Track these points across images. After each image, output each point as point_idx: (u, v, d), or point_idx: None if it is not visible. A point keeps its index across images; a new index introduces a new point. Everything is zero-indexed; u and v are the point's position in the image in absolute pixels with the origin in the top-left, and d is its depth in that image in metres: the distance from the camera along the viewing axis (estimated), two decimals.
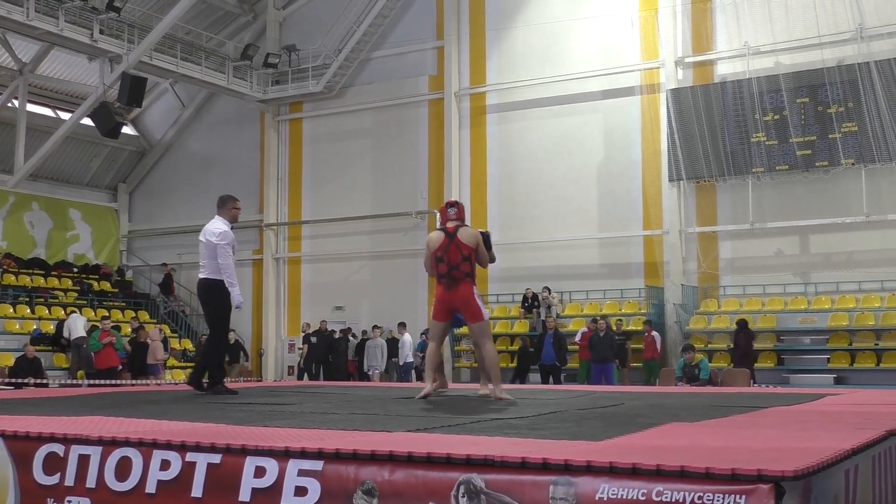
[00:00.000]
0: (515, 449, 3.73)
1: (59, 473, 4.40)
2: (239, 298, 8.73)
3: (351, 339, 24.29)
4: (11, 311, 23.08)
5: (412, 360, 22.20)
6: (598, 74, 23.04)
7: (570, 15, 23.48)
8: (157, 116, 29.94)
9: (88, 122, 23.77)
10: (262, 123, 27.81)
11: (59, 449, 4.45)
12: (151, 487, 4.15)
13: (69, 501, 4.34)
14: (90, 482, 4.30)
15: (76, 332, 21.04)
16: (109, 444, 4.34)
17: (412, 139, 25.66)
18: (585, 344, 19.28)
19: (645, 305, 21.90)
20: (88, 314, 23.63)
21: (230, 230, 8.78)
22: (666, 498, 3.17)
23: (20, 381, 18.03)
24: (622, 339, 20.31)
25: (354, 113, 26.53)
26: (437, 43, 25.42)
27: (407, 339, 22.47)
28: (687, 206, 22.04)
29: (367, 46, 25.95)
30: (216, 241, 8.61)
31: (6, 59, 25.33)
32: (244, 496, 3.90)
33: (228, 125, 28.62)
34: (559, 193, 23.32)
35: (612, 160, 22.91)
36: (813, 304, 20.65)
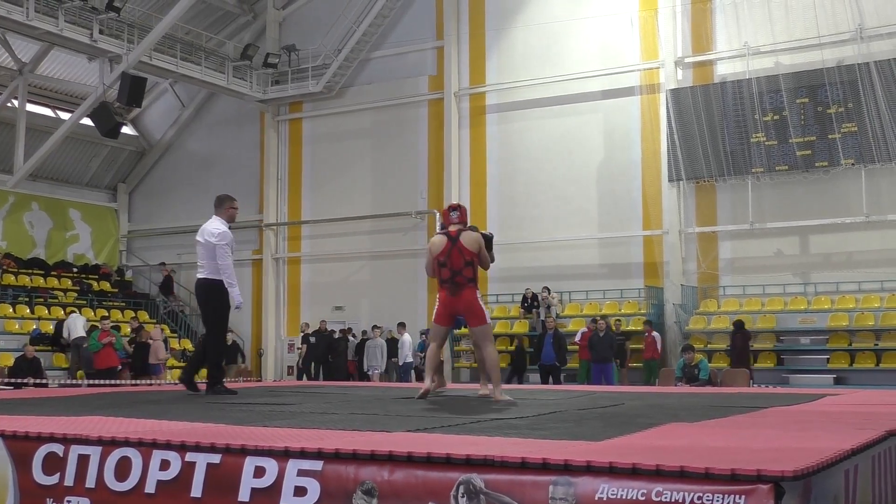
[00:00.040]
0: (515, 449, 3.73)
1: (58, 473, 4.40)
2: (239, 299, 8.71)
3: (351, 339, 24.28)
4: (11, 311, 23.07)
5: (412, 360, 22.18)
6: (597, 74, 23.04)
7: (569, 15, 23.48)
8: (156, 116, 29.93)
9: (88, 122, 23.79)
10: (261, 123, 27.80)
11: (58, 449, 4.45)
12: (151, 487, 4.15)
13: (69, 501, 4.34)
14: (90, 482, 4.30)
15: (76, 332, 21.03)
16: (109, 444, 4.33)
17: (412, 139, 25.65)
18: (585, 344, 19.27)
19: (644, 305, 21.89)
20: (88, 314, 23.63)
21: (228, 230, 8.75)
22: (665, 498, 3.17)
23: (20, 381, 18.02)
24: (621, 339, 20.33)
25: (354, 113, 26.52)
26: (436, 43, 25.42)
27: (406, 339, 22.45)
28: (687, 206, 22.04)
29: (366, 46, 25.94)
30: (215, 241, 8.57)
31: (6, 58, 25.32)
32: (244, 496, 3.90)
33: (228, 125, 28.62)
34: (559, 193, 23.32)
35: (611, 160, 22.91)
36: (813, 304, 20.65)
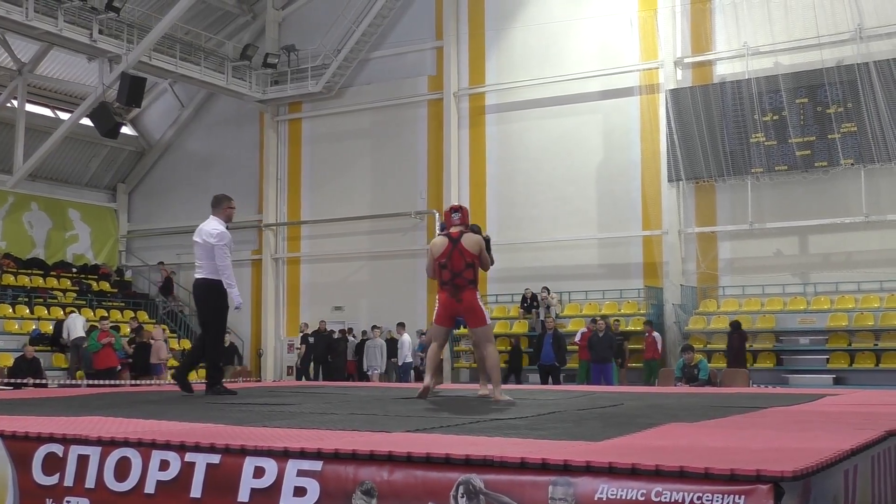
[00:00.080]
0: (514, 449, 3.72)
1: (58, 474, 4.40)
2: (238, 299, 8.69)
3: (350, 338, 24.27)
4: (10, 311, 23.04)
5: (411, 360, 22.16)
6: (597, 75, 23.03)
7: (569, 15, 23.48)
8: (156, 116, 29.92)
9: (87, 122, 23.78)
10: (261, 123, 27.80)
11: (58, 449, 4.45)
12: (150, 488, 4.15)
13: (68, 502, 4.33)
14: (89, 482, 4.30)
15: (75, 332, 21.01)
16: (108, 444, 4.33)
17: (411, 139, 25.64)
18: (585, 344, 19.27)
19: (644, 306, 21.89)
20: (87, 314, 23.61)
21: (227, 230, 8.74)
22: (665, 498, 3.17)
23: (19, 381, 18.01)
24: (620, 339, 20.31)
25: (353, 113, 26.52)
26: (436, 43, 25.42)
27: (406, 339, 22.44)
28: (686, 206, 22.04)
29: (366, 47, 25.94)
30: (214, 241, 8.55)
31: (5, 59, 25.31)
32: (243, 496, 3.90)
33: (227, 125, 28.61)
34: (558, 194, 23.31)
35: (611, 160, 22.91)
36: (812, 304, 20.65)
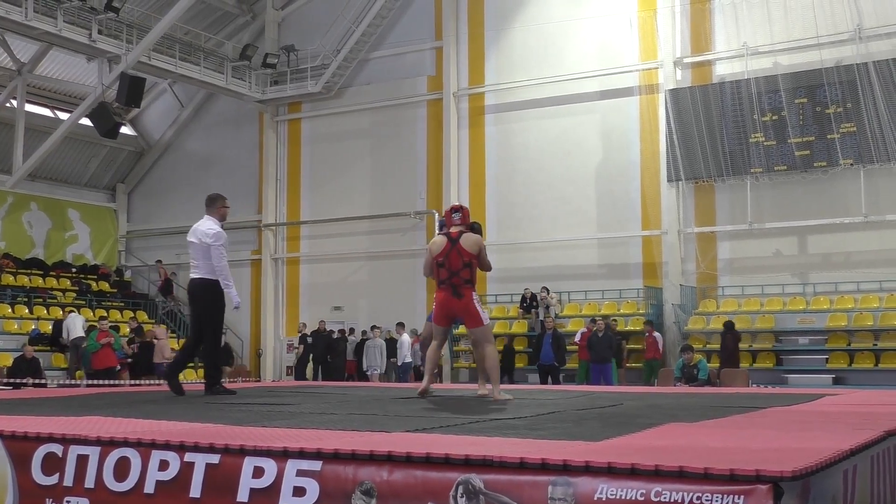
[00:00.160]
0: (514, 449, 3.72)
1: (57, 474, 4.39)
2: (237, 299, 8.72)
3: (350, 339, 24.24)
4: (10, 311, 23.04)
5: (410, 360, 22.13)
6: (596, 75, 23.04)
7: (568, 15, 23.48)
8: (155, 117, 29.92)
9: (87, 122, 23.79)
10: (260, 124, 27.80)
11: (57, 449, 4.45)
12: (150, 488, 4.14)
13: (68, 502, 4.33)
14: (89, 482, 4.30)
15: (75, 332, 21.00)
16: (108, 444, 4.33)
17: (411, 140, 25.64)
18: (584, 344, 19.27)
19: (643, 306, 21.89)
20: (87, 314, 23.60)
21: (222, 230, 8.74)
22: (664, 498, 3.16)
23: (19, 381, 18.01)
24: (619, 339, 20.30)
25: (353, 113, 26.52)
26: (435, 43, 25.42)
27: (405, 339, 22.41)
28: (685, 206, 22.05)
29: (365, 47, 25.94)
30: (210, 241, 8.56)
31: (5, 59, 25.31)
32: (242, 496, 3.89)
33: (227, 125, 28.61)
34: (558, 194, 23.31)
35: (610, 160, 22.91)
36: (811, 304, 20.65)
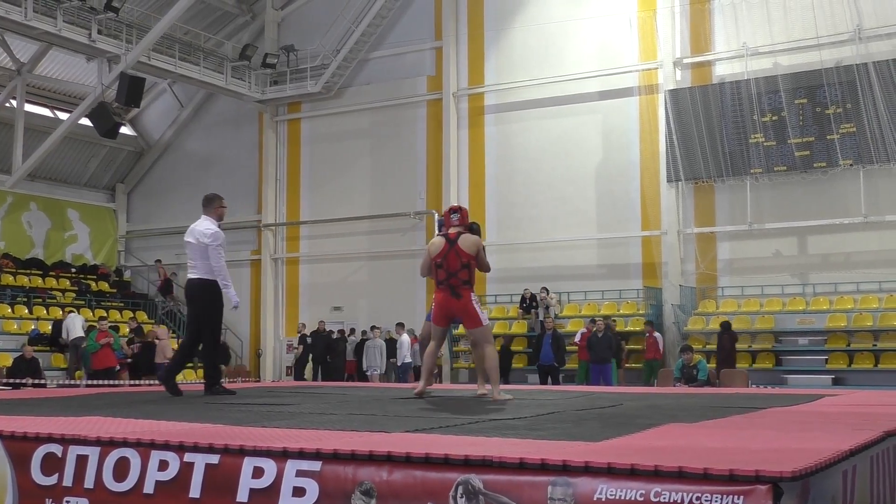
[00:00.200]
0: (513, 449, 3.72)
1: (57, 474, 4.39)
2: (235, 299, 8.74)
3: (350, 339, 24.22)
4: (9, 311, 23.04)
5: (410, 360, 22.12)
6: (596, 75, 23.04)
7: (568, 16, 23.49)
8: (155, 117, 29.91)
9: (87, 122, 23.79)
10: (260, 124, 27.79)
11: (57, 449, 4.44)
12: (149, 488, 4.14)
13: (67, 502, 4.33)
14: (88, 482, 4.30)
15: (74, 332, 20.99)
16: (107, 444, 4.33)
17: (410, 140, 25.64)
18: (584, 344, 19.27)
19: (643, 306, 21.89)
20: (86, 314, 23.60)
21: (220, 230, 8.74)
22: (664, 498, 3.17)
23: (18, 381, 18.01)
24: (619, 339, 20.28)
25: (353, 113, 26.52)
26: (435, 43, 25.42)
27: (405, 339, 22.39)
28: (685, 206, 22.05)
29: (365, 47, 25.94)
30: (208, 241, 8.55)
31: (4, 59, 25.30)
32: (242, 497, 3.89)
33: (227, 125, 28.60)
34: (557, 194, 23.31)
35: (610, 161, 22.91)
36: (811, 304, 20.66)
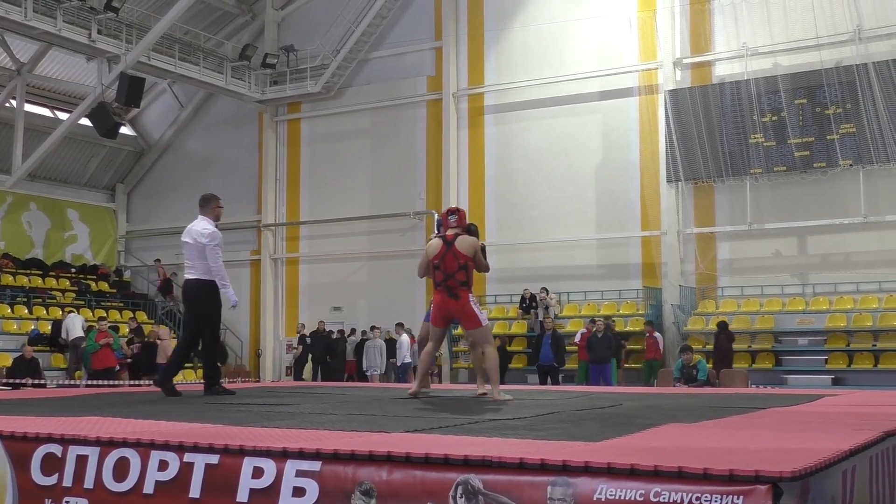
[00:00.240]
0: (513, 449, 3.72)
1: (56, 474, 4.39)
2: (234, 298, 8.73)
3: (350, 339, 24.21)
4: (9, 311, 23.03)
5: (410, 360, 22.11)
6: (596, 75, 23.04)
7: (568, 16, 23.49)
8: (155, 117, 29.91)
9: (86, 122, 23.79)
10: (260, 124, 27.79)
11: (56, 449, 4.44)
12: (149, 488, 4.14)
13: (67, 502, 4.33)
14: (88, 483, 4.30)
15: (74, 332, 20.99)
16: (107, 444, 4.33)
17: (410, 140, 25.64)
18: (584, 344, 19.27)
19: (643, 306, 21.89)
20: (86, 314, 23.59)
21: (217, 230, 8.74)
22: (664, 498, 3.17)
23: (18, 381, 18.00)
24: (619, 339, 20.27)
25: (352, 113, 26.52)
26: (435, 43, 25.42)
27: (405, 339, 22.37)
28: (685, 207, 22.05)
29: (365, 47, 25.94)
30: (206, 241, 8.53)
31: (4, 59, 25.29)
32: (242, 497, 3.89)
33: (226, 125, 28.60)
34: (557, 194, 23.31)
35: (610, 161, 22.91)
36: (811, 304, 20.66)
